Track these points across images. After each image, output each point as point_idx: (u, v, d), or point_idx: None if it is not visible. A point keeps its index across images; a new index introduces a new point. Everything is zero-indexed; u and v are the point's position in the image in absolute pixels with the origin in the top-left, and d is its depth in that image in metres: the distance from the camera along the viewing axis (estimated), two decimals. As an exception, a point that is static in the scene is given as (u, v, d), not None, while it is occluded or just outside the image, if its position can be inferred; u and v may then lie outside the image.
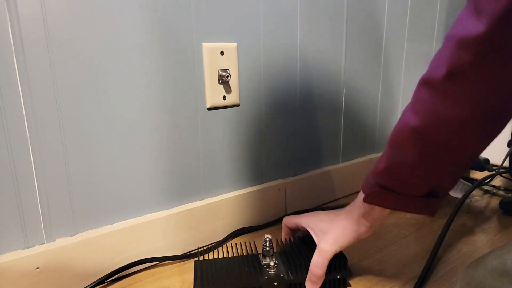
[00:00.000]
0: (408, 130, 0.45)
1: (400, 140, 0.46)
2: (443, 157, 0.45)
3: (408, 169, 0.46)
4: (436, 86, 0.41)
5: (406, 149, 0.46)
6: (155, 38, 0.62)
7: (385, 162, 0.49)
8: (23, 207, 0.55)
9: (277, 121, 0.82)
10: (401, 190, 0.49)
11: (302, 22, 0.81)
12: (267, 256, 0.60)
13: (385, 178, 0.49)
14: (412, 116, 0.44)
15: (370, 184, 0.51)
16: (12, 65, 0.51)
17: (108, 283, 0.63)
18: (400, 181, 0.48)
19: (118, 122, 0.61)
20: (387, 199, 0.50)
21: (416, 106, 0.44)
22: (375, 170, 0.51)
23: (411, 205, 0.49)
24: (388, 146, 0.49)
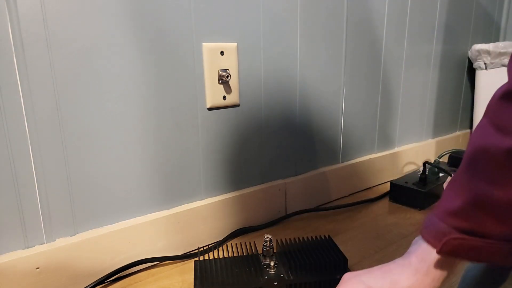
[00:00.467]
0: (503, 152, 0.34)
1: (487, 167, 0.36)
2: None
3: (501, 204, 0.35)
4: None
5: (497, 178, 0.35)
6: (155, 38, 0.62)
7: (463, 200, 0.37)
8: (23, 207, 0.55)
9: (277, 121, 0.82)
10: (489, 233, 0.37)
11: (302, 22, 0.81)
12: (267, 256, 0.60)
13: (466, 220, 0.37)
14: (499, 136, 0.35)
15: (441, 231, 0.38)
16: (12, 65, 0.51)
17: (108, 283, 0.63)
18: (489, 220, 0.36)
19: (118, 122, 0.61)
20: (471, 246, 0.37)
21: (502, 124, 0.35)
22: (446, 211, 0.38)
23: (498, 251, 0.37)
24: (463, 179, 0.38)
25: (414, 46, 1.08)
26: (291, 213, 0.87)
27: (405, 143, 1.16)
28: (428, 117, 1.21)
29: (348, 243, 0.75)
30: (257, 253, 0.61)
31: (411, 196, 0.92)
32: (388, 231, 0.80)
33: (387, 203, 0.95)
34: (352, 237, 0.77)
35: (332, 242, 0.63)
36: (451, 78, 1.26)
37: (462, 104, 1.35)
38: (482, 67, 1.21)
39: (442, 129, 1.29)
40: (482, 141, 0.37)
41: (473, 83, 1.31)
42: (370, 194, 1.00)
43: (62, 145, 0.57)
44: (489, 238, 0.37)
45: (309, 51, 0.84)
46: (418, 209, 0.91)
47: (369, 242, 0.75)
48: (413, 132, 1.17)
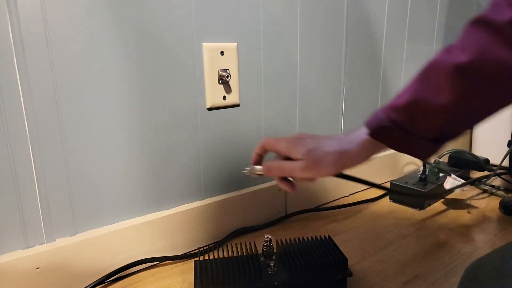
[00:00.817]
0: (451, 66, 0.40)
1: (435, 76, 0.42)
2: (480, 103, 0.41)
3: (435, 110, 0.42)
4: (496, 28, 0.38)
5: (440, 87, 0.41)
6: (155, 38, 0.62)
7: (408, 97, 0.43)
8: (23, 207, 0.55)
9: (277, 121, 0.82)
10: (414, 129, 0.44)
11: (302, 22, 0.81)
12: (267, 256, 0.60)
13: (403, 114, 0.44)
14: (457, 53, 0.40)
15: (381, 119, 0.45)
16: (12, 65, 0.51)
17: (108, 283, 0.63)
18: (419, 120, 0.43)
19: (118, 122, 0.61)
20: (396, 137, 0.45)
21: (465, 44, 0.40)
22: (392, 105, 0.45)
23: (414, 147, 0.45)
24: (416, 81, 0.44)
25: (414, 46, 1.08)
26: (291, 213, 0.87)
27: (405, 143, 1.15)
28: (428, 117, 1.21)
29: (348, 243, 0.75)
30: (257, 253, 0.61)
31: (411, 196, 0.92)
32: (388, 231, 0.80)
33: (387, 203, 0.95)
34: (352, 237, 0.77)
35: (332, 242, 0.63)
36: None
37: (462, 104, 1.35)
38: (482, 67, 1.21)
39: (442, 129, 1.29)
40: (440, 55, 0.42)
41: (473, 83, 1.30)
42: (370, 194, 1.00)
43: (62, 145, 0.57)
44: (412, 134, 0.44)
45: (309, 51, 0.84)
46: (418, 209, 0.91)
47: (369, 242, 0.75)
48: (413, 132, 1.17)
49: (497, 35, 0.38)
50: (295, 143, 0.49)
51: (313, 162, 0.47)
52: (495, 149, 1.21)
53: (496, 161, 1.12)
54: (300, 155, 0.48)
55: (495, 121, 1.21)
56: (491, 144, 1.23)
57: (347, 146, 0.48)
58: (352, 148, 0.48)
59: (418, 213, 0.89)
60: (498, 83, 0.39)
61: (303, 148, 0.48)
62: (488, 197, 0.98)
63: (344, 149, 0.48)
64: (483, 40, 0.38)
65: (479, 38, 0.39)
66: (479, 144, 1.28)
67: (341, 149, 0.48)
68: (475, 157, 1.04)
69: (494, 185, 1.03)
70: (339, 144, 0.48)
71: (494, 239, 0.75)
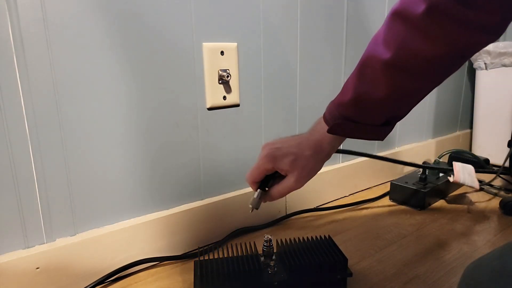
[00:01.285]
0: (380, 63, 0.45)
1: (370, 72, 0.47)
2: (411, 91, 0.47)
3: (376, 102, 0.47)
4: (413, 21, 0.41)
5: (376, 82, 0.46)
6: (155, 38, 0.62)
7: (352, 94, 0.49)
8: (23, 207, 0.55)
9: (277, 121, 0.82)
10: (363, 120, 0.50)
11: (302, 21, 0.81)
12: (267, 256, 0.60)
13: (351, 110, 0.49)
14: (383, 49, 0.45)
15: (334, 116, 0.51)
16: (12, 65, 0.51)
17: (108, 283, 0.63)
18: (366, 112, 0.49)
19: (118, 122, 0.61)
20: (350, 129, 0.51)
21: (388, 39, 0.44)
22: (340, 101, 0.51)
23: (368, 133, 0.52)
24: (356, 77, 0.49)
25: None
26: (291, 213, 0.87)
27: (405, 143, 1.16)
28: (428, 117, 1.21)
29: (348, 243, 0.75)
30: (257, 253, 0.61)
31: (411, 196, 0.92)
32: (388, 231, 0.80)
33: (387, 203, 0.95)
34: (352, 237, 0.77)
35: (332, 242, 0.63)
36: (451, 78, 1.25)
37: (462, 104, 1.35)
38: (482, 67, 1.21)
39: (442, 129, 1.29)
40: (371, 50, 0.47)
41: (473, 83, 1.30)
42: (370, 194, 1.00)
43: (62, 145, 0.57)
44: (362, 123, 0.50)
45: (309, 51, 0.84)
46: (418, 209, 0.91)
47: (369, 242, 0.75)
48: (413, 132, 1.17)
49: (413, 29, 0.41)
50: (275, 157, 0.53)
51: (302, 174, 0.53)
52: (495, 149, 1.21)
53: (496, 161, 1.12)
54: (287, 168, 0.52)
55: (495, 121, 1.21)
56: (491, 144, 1.23)
57: (318, 146, 0.53)
58: (324, 147, 0.53)
59: (418, 213, 0.89)
60: (421, 72, 0.44)
61: (285, 160, 0.52)
62: (488, 197, 0.98)
63: (317, 150, 0.53)
64: (403, 34, 0.42)
65: (399, 32, 0.43)
66: (479, 144, 1.28)
67: (316, 151, 0.53)
68: (475, 157, 1.04)
69: (495, 185, 1.03)
70: (310, 147, 0.53)
71: (494, 239, 0.75)
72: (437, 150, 1.25)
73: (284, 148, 0.53)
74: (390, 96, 0.47)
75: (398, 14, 0.43)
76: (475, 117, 1.28)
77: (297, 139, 0.54)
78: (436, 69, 0.44)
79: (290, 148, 0.53)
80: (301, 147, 0.53)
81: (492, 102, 1.21)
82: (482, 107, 1.25)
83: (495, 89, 1.19)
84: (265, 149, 0.54)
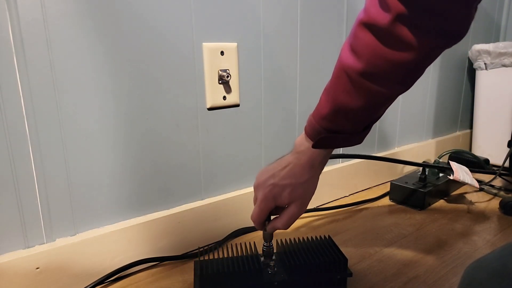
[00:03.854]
0: (355, 74, 0.46)
1: (346, 83, 0.48)
2: (387, 96, 0.48)
3: (354, 112, 0.49)
4: (381, 31, 0.42)
5: (352, 93, 0.48)
6: (155, 37, 0.62)
7: (329, 106, 0.50)
8: (23, 207, 0.55)
9: (277, 121, 0.82)
10: (346, 130, 0.52)
11: (302, 21, 0.81)
12: (267, 256, 0.60)
13: (331, 122, 0.51)
14: (354, 60, 0.46)
15: (317, 130, 0.52)
16: (12, 65, 0.51)
17: (108, 283, 0.63)
18: (346, 122, 0.51)
19: (119, 122, 0.61)
20: (335, 140, 0.52)
21: (358, 49, 0.45)
22: (320, 114, 0.52)
23: (351, 140, 0.54)
24: (332, 90, 0.50)
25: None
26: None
27: (405, 143, 1.16)
28: (428, 117, 1.21)
29: (348, 243, 0.75)
30: (257, 253, 0.61)
31: (411, 196, 0.92)
32: (388, 231, 0.80)
33: (387, 203, 0.95)
34: (352, 237, 0.77)
35: (332, 242, 0.63)
36: (451, 78, 1.26)
37: (462, 104, 1.35)
38: (482, 67, 1.21)
39: (442, 129, 1.29)
40: (343, 60, 0.48)
41: (473, 83, 1.30)
42: (370, 194, 1.00)
43: (62, 145, 0.57)
44: (344, 133, 0.52)
45: (309, 51, 0.84)
46: (418, 209, 0.91)
47: (369, 242, 0.75)
48: (413, 132, 1.17)
49: (382, 39, 0.43)
50: (274, 195, 0.54)
51: (303, 201, 0.55)
52: (495, 149, 1.21)
53: (496, 161, 1.12)
54: (287, 201, 0.54)
55: (495, 121, 1.21)
56: (491, 144, 1.23)
57: (311, 167, 0.55)
58: (316, 166, 0.55)
59: (418, 213, 0.89)
60: (394, 77, 0.46)
61: (284, 193, 0.54)
62: (488, 197, 0.98)
63: (310, 172, 0.55)
64: (373, 44, 0.44)
65: (368, 42, 0.44)
66: (479, 144, 1.28)
67: (310, 174, 0.55)
68: (475, 157, 1.04)
69: (495, 185, 1.03)
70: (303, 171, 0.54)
71: (494, 239, 0.75)
72: (437, 150, 1.25)
73: (278, 183, 0.54)
74: (366, 104, 0.48)
75: (365, 24, 0.44)
76: (475, 117, 1.28)
77: (286, 166, 0.54)
78: (406, 74, 0.46)
79: (284, 180, 0.54)
80: (294, 174, 0.54)
81: (492, 102, 1.21)
82: (482, 107, 1.25)
83: (495, 89, 1.19)
84: (259, 190, 0.55)
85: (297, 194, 0.54)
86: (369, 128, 0.54)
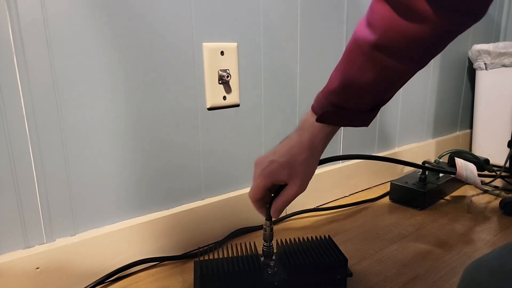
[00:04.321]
0: (367, 45, 0.44)
1: (357, 57, 0.46)
2: (398, 74, 0.46)
3: (364, 87, 0.47)
4: (397, 1, 0.41)
5: (363, 66, 0.46)
6: (155, 38, 0.62)
7: (339, 81, 0.49)
8: (23, 207, 0.55)
9: (277, 121, 0.82)
10: (352, 107, 0.50)
11: (302, 21, 0.81)
12: (267, 256, 0.60)
13: (339, 97, 0.49)
14: (368, 32, 0.44)
15: (323, 104, 0.51)
16: (13, 65, 0.51)
17: (108, 283, 0.63)
18: (354, 98, 0.49)
19: (119, 122, 0.61)
20: (339, 116, 0.51)
21: (372, 21, 0.44)
22: (328, 89, 0.51)
23: (356, 119, 0.52)
24: (343, 64, 0.49)
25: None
26: (291, 213, 0.87)
27: (405, 143, 1.16)
28: (428, 117, 1.21)
29: (348, 243, 0.75)
30: (257, 253, 0.61)
31: (411, 196, 0.92)
32: (388, 231, 0.80)
33: (387, 203, 0.95)
34: (352, 237, 0.77)
35: (332, 242, 0.63)
36: (451, 78, 1.26)
37: (462, 104, 1.35)
38: (482, 67, 1.21)
39: (442, 129, 1.29)
40: (357, 34, 0.46)
41: (473, 83, 1.30)
42: (370, 194, 1.00)
43: (62, 145, 0.57)
44: (351, 110, 0.50)
45: (310, 51, 0.84)
46: (418, 209, 0.91)
47: (369, 242, 0.75)
48: (413, 132, 1.17)
49: (397, 9, 0.41)
50: (270, 171, 0.53)
51: (302, 179, 0.53)
52: (495, 149, 1.21)
53: (496, 161, 1.12)
54: (285, 178, 0.53)
55: (495, 121, 1.21)
56: (491, 144, 1.23)
57: (311, 146, 0.52)
58: (316, 145, 0.53)
59: (418, 213, 0.89)
60: (407, 53, 0.44)
61: (281, 170, 0.52)
62: (488, 197, 0.98)
63: (310, 150, 0.52)
64: (388, 15, 0.42)
65: (383, 14, 0.42)
66: (479, 144, 1.28)
67: (309, 152, 0.52)
68: (475, 157, 1.04)
69: (494, 185, 1.03)
70: (303, 149, 0.52)
71: (494, 239, 0.75)
72: (437, 150, 1.25)
73: (277, 159, 0.53)
74: (377, 80, 0.46)
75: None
76: (475, 117, 1.28)
77: (287, 144, 0.53)
78: (421, 49, 0.44)
79: (283, 157, 0.52)
80: (293, 152, 0.53)
81: (492, 102, 1.21)
82: (482, 107, 1.25)
83: (495, 89, 1.19)
84: (258, 166, 0.54)
85: (295, 172, 0.52)
86: (376, 110, 0.52)
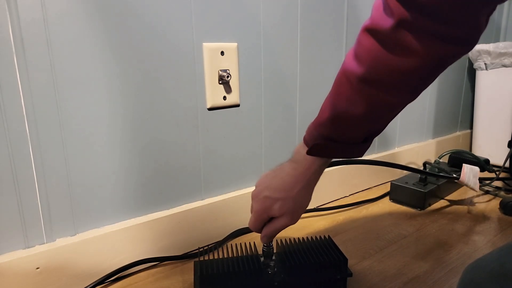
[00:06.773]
0: (356, 79, 0.45)
1: (346, 90, 0.46)
2: (388, 105, 0.46)
3: (354, 119, 0.47)
4: (383, 36, 0.41)
5: (352, 99, 0.46)
6: (155, 38, 0.62)
7: (329, 113, 0.49)
8: (23, 207, 0.55)
9: (277, 121, 0.82)
10: (343, 140, 0.50)
11: (302, 21, 0.81)
12: (267, 256, 0.60)
13: (329, 129, 0.49)
14: (356, 64, 0.44)
15: (314, 136, 0.51)
16: (13, 65, 0.51)
17: (108, 283, 0.63)
18: (345, 130, 0.49)
19: (119, 122, 0.61)
20: (330, 149, 0.51)
21: (359, 54, 0.44)
22: (319, 121, 0.51)
23: (348, 152, 0.52)
24: (332, 96, 0.49)
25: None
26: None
27: (405, 143, 1.16)
28: (428, 117, 1.21)
29: (348, 243, 0.75)
30: (257, 254, 0.61)
31: (411, 196, 0.92)
32: (388, 231, 0.80)
33: (387, 203, 0.95)
34: (352, 237, 0.77)
35: (332, 242, 0.63)
36: (451, 78, 1.26)
37: (462, 104, 1.35)
38: (482, 68, 1.21)
39: (442, 129, 1.29)
40: (345, 66, 0.46)
41: (473, 83, 1.30)
42: (370, 194, 1.00)
43: (62, 145, 0.57)
44: (342, 142, 0.50)
45: (309, 51, 0.84)
46: (418, 209, 0.91)
47: (369, 242, 0.75)
48: (413, 132, 1.17)
49: (384, 44, 0.42)
50: (265, 208, 0.55)
51: (293, 214, 0.55)
52: (495, 149, 1.21)
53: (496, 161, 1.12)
54: (278, 214, 0.54)
55: (495, 121, 1.21)
56: (491, 144, 1.23)
57: (304, 180, 0.53)
58: (310, 178, 0.54)
59: (418, 213, 0.89)
60: (396, 85, 0.44)
61: (275, 206, 0.54)
62: (488, 197, 0.98)
63: (303, 184, 0.53)
64: (374, 49, 0.42)
65: (370, 47, 0.43)
66: (479, 144, 1.28)
67: (302, 186, 0.53)
68: (475, 157, 1.03)
69: (495, 186, 1.03)
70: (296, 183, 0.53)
71: (494, 239, 0.75)
72: (437, 150, 1.25)
73: (270, 196, 0.54)
74: (367, 112, 0.46)
75: (368, 29, 0.43)
76: (475, 117, 1.28)
77: (281, 178, 0.54)
78: (412, 82, 0.44)
79: (276, 193, 0.54)
80: (286, 187, 0.53)
81: (492, 102, 1.21)
82: (482, 107, 1.25)
83: (495, 89, 1.19)
84: (254, 200, 0.56)
85: (287, 208, 0.54)
86: (369, 141, 0.52)
